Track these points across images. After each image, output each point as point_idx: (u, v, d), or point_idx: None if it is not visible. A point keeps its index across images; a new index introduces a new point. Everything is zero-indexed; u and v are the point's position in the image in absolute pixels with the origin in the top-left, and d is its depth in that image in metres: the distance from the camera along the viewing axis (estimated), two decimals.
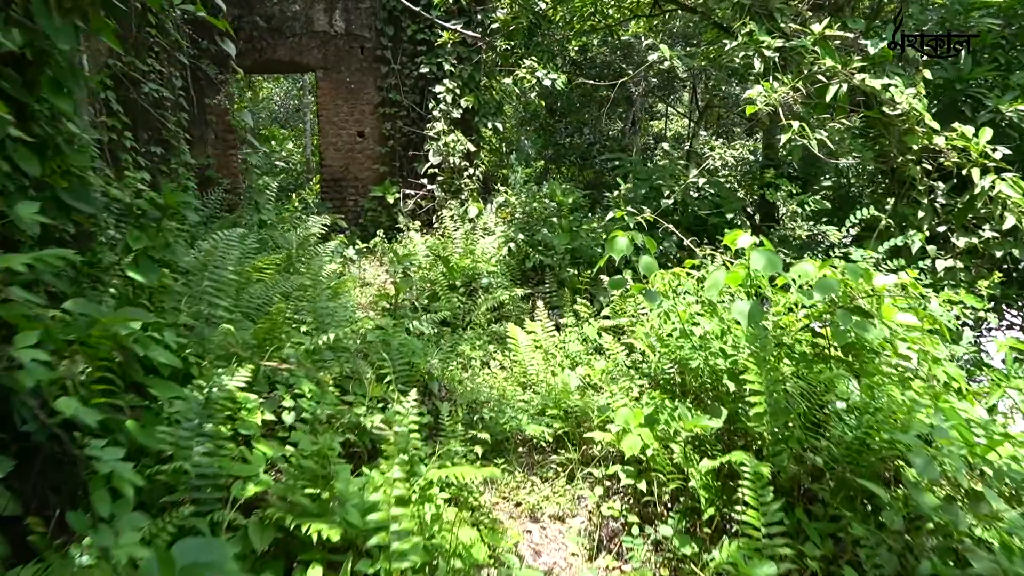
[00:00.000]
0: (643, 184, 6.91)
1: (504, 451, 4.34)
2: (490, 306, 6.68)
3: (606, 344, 5.15)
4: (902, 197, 5.22)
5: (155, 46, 8.02)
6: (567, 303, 6.34)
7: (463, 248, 7.82)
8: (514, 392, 4.93)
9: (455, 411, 4.29)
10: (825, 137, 4.73)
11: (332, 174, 12.57)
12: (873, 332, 3.06)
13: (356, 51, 12.23)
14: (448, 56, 11.44)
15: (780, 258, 2.98)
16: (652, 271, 3.62)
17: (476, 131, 11.99)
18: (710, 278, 3.12)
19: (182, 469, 2.72)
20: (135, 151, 7.27)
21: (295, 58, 12.09)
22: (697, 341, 3.58)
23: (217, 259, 3.89)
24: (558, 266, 6.82)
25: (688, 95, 18.34)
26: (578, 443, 4.24)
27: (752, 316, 3.01)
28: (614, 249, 3.67)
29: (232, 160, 11.95)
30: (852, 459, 2.94)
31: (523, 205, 8.48)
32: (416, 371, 4.23)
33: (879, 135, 5.15)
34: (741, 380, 3.28)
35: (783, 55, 5.00)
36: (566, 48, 14.37)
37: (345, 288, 5.17)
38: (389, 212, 11.96)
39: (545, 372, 4.98)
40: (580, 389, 4.80)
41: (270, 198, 8.45)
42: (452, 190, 11.44)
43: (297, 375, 3.49)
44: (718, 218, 6.63)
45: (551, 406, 4.47)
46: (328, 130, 12.44)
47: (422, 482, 2.92)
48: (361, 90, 12.32)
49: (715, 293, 3.09)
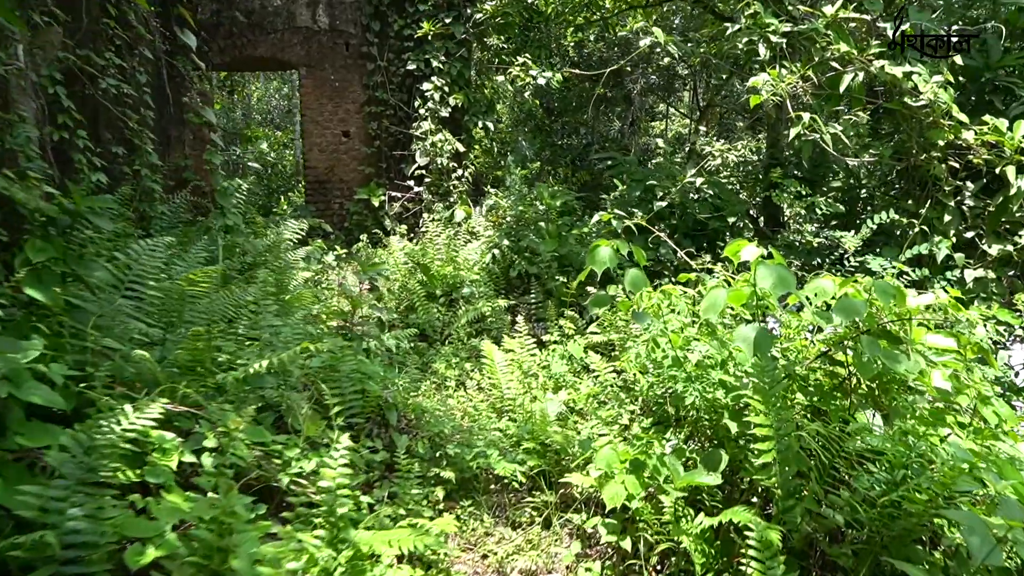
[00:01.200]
0: (638, 186, 6.35)
1: (472, 490, 3.78)
2: (471, 318, 6.13)
3: (593, 364, 4.60)
4: (924, 199, 4.66)
5: (116, 38, 7.48)
6: (553, 316, 5.79)
7: (445, 255, 7.27)
8: (488, 419, 4.38)
9: (415, 445, 3.74)
10: (839, 131, 4.18)
11: (316, 176, 12.04)
12: (904, 364, 2.50)
13: (341, 47, 11.71)
14: (436, 52, 10.91)
15: (793, 273, 2.43)
16: (640, 286, 3.06)
17: (466, 131, 11.45)
18: (708, 297, 2.57)
19: (44, 540, 2.17)
20: (89, 151, 6.74)
21: (277, 55, 11.57)
22: (692, 370, 3.03)
23: (137, 273, 3.35)
24: (545, 275, 6.27)
25: (689, 94, 17.80)
26: (556, 483, 3.69)
27: (759, 344, 2.46)
28: (595, 261, 3.13)
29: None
30: (881, 522, 2.39)
31: (512, 208, 7.94)
32: (370, 400, 3.68)
33: (898, 130, 4.60)
34: (745, 419, 2.73)
35: (791, 40, 4.46)
36: (562, 44, 13.84)
37: (303, 301, 4.63)
38: (375, 215, 11.42)
39: (524, 396, 4.43)
40: (562, 417, 4.25)
41: (240, 201, 7.90)
42: (440, 192, 10.90)
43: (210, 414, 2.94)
44: (719, 222, 6.07)
45: (527, 437, 3.91)
46: (312, 130, 11.92)
47: (348, 553, 2.36)
48: (346, 88, 11.79)
49: (715, 315, 2.54)
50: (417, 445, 3.70)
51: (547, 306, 6.07)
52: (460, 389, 5.22)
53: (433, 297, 6.84)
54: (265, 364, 3.27)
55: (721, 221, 6.10)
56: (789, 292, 2.40)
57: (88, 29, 6.84)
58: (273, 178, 18.30)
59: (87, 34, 6.85)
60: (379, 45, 11.42)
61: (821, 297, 2.54)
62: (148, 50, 7.99)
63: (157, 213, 7.63)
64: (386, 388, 3.78)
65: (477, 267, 6.97)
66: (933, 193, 4.65)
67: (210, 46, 11.14)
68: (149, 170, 7.69)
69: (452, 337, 6.11)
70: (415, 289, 6.62)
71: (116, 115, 7.42)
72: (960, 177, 4.67)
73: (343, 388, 3.56)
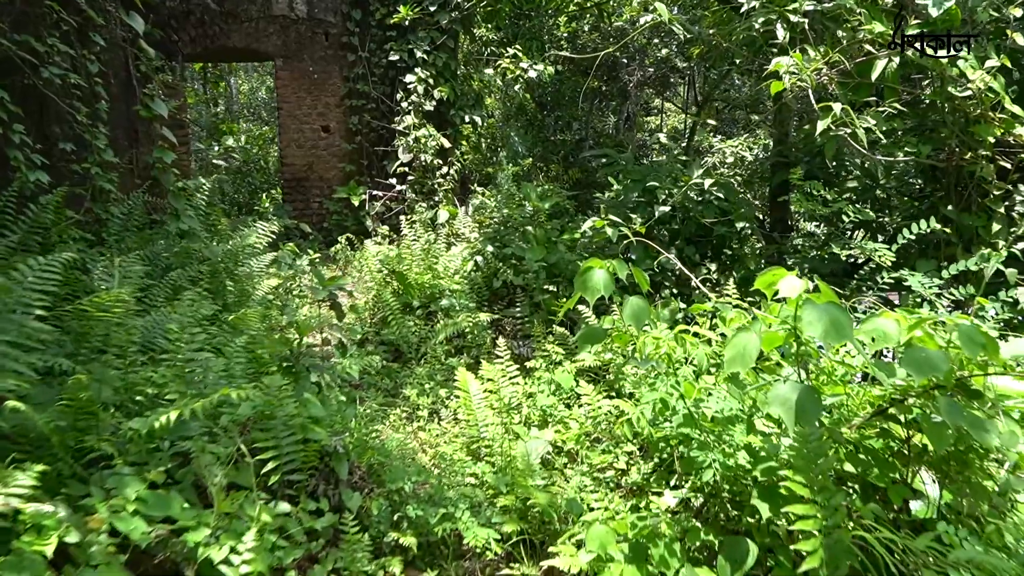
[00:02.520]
0: (635, 186, 5.72)
1: (438, 557, 3.15)
2: (449, 334, 5.49)
3: (585, 395, 3.97)
4: (967, 204, 4.05)
5: (63, 23, 6.80)
6: (540, 334, 5.15)
7: (424, 261, 6.62)
8: (463, 463, 3.74)
9: (370, 505, 3.10)
10: (872, 125, 3.56)
11: (294, 173, 11.38)
12: (995, 435, 1.88)
13: (320, 37, 11.04)
14: (420, 42, 10.24)
15: (850, 316, 1.80)
16: (642, 319, 2.43)
17: (452, 125, 10.79)
18: (734, 344, 1.95)
19: None
20: (28, 147, 6.06)
21: (252, 45, 10.89)
22: (709, 427, 2.39)
23: (16, 301, 2.70)
24: (532, 285, 5.63)
25: (685, 89, 17.16)
26: (539, 554, 3.05)
27: (803, 411, 1.83)
28: (587, 287, 2.49)
29: (184, 159, 10.75)
30: None
31: (498, 209, 7.30)
32: (314, 450, 3.04)
33: (936, 124, 3.98)
34: (780, 499, 2.11)
35: (815, 21, 3.84)
36: (554, 35, 13.18)
37: (250, 322, 3.97)
38: (356, 215, 10.76)
39: (503, 435, 3.79)
40: (547, 461, 3.62)
41: (203, 201, 7.23)
42: (424, 191, 10.25)
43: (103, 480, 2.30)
44: (726, 227, 5.44)
45: (505, 490, 3.28)
46: (289, 125, 11.25)
47: None
48: (326, 80, 11.12)
49: (744, 368, 1.92)
50: (372, 505, 3.06)
51: (534, 321, 5.43)
52: (433, 419, 4.58)
53: (410, 309, 6.20)
54: (174, 416, 2.63)
55: (727, 226, 5.47)
56: (847, 340, 1.78)
57: (25, 11, 6.16)
58: (257, 175, 17.62)
59: (24, 16, 6.17)
60: (360, 35, 10.76)
61: (882, 343, 1.92)
62: (101, 36, 7.31)
63: (111, 216, 6.97)
64: (336, 435, 3.13)
65: (458, 275, 6.32)
66: (976, 197, 4.03)
67: (180, 36, 10.46)
68: (101, 168, 7.03)
69: (428, 355, 5.47)
70: (388, 300, 5.97)
71: (64, 108, 6.75)
72: (1011, 179, 4.05)
73: (279, 438, 2.92)
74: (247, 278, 6.66)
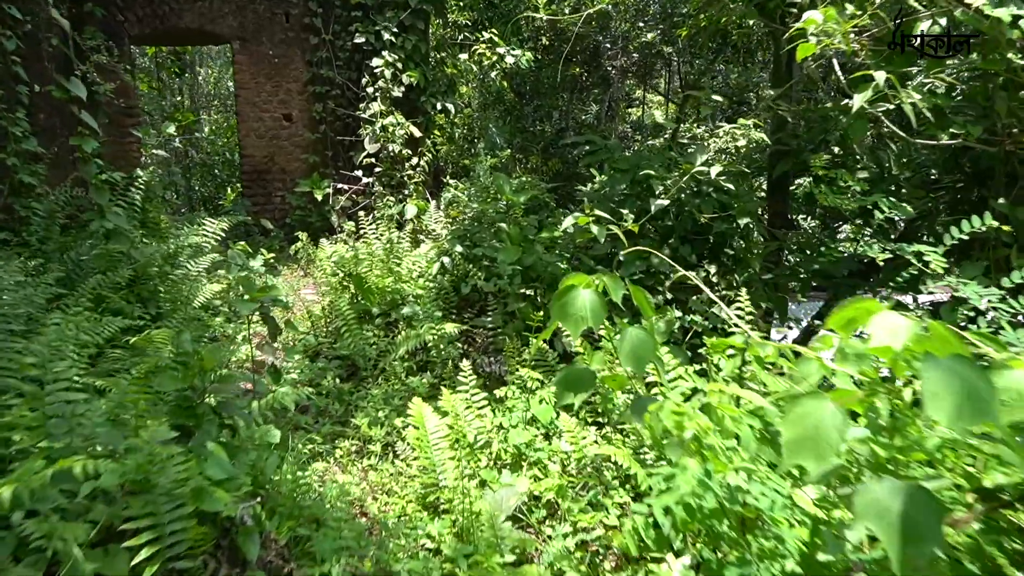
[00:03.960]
0: (623, 177, 5.02)
1: None
2: (411, 348, 4.77)
3: (567, 431, 3.27)
4: (1019, 197, 3.41)
5: None
6: (514, 351, 4.43)
7: (384, 262, 5.87)
8: (416, 519, 3.03)
9: None
10: (919, 100, 2.88)
11: (254, 165, 10.57)
12: None
13: (280, 18, 10.22)
14: (388, 23, 9.46)
15: (988, 380, 1.11)
16: (645, 360, 1.73)
17: (423, 113, 10.03)
18: (795, 419, 1.24)
19: None
20: None
21: (206, 26, 10.04)
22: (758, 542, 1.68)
23: None
24: (505, 290, 4.92)
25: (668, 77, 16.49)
26: None
27: (914, 530, 1.14)
28: (567, 314, 1.79)
29: (131, 148, 9.91)
30: None
31: (469, 203, 6.58)
32: (212, 525, 2.32)
33: (988, 100, 3.33)
34: None
35: None
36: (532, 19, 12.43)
37: (157, 345, 3.22)
38: (320, 211, 9.98)
39: (466, 483, 3.08)
40: (519, 519, 2.93)
41: (136, 197, 6.44)
42: (393, 184, 9.49)
43: None
44: (727, 223, 4.76)
45: (466, 564, 2.57)
46: (248, 113, 10.43)
47: None
48: (287, 65, 10.31)
49: (815, 460, 1.22)
50: None
51: (507, 334, 4.72)
52: (388, 455, 3.86)
53: (368, 316, 5.47)
54: (8, 494, 1.90)
55: (728, 222, 4.80)
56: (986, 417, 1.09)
57: None
58: (223, 168, 16.74)
59: None
60: (324, 16, 9.97)
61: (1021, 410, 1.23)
62: (19, 10, 6.47)
63: (32, 212, 6.17)
64: (245, 501, 2.40)
65: (423, 279, 5.59)
66: None
67: (126, 15, 9.59)
68: (18, 159, 6.22)
69: (387, 372, 4.75)
70: (343, 309, 5.23)
71: None
72: None
73: (160, 514, 2.18)
74: (185, 282, 5.90)
